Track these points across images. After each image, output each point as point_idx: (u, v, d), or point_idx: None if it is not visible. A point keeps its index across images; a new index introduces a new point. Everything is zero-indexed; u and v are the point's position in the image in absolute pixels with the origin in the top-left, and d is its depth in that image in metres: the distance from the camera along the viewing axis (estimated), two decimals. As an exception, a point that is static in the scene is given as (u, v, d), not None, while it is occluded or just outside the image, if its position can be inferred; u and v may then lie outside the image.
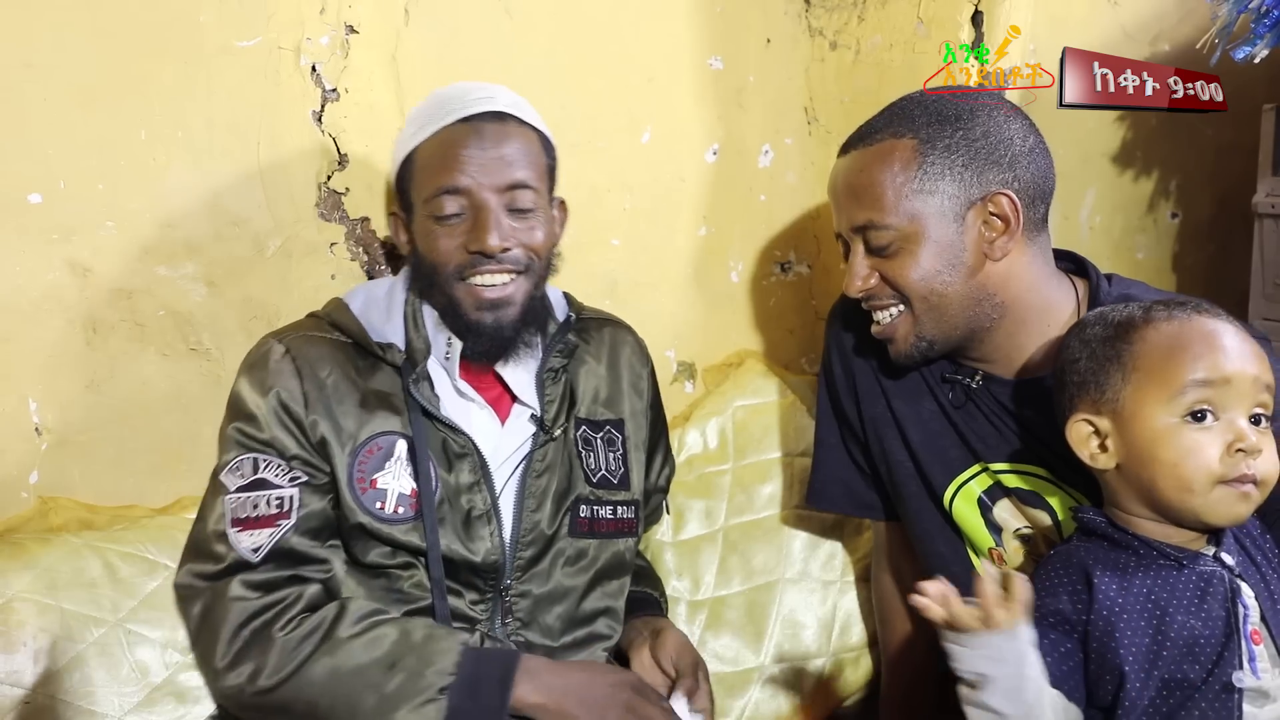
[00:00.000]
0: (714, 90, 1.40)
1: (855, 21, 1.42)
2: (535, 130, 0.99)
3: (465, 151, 0.94)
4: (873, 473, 1.12)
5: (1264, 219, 1.42)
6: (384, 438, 0.94)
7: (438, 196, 0.94)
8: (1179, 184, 1.62)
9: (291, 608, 0.90)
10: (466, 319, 0.95)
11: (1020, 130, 0.95)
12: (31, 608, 0.96)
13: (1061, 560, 0.86)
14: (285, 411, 0.93)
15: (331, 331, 0.99)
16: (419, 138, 0.97)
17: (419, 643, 0.88)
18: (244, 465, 0.93)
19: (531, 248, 0.96)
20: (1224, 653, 0.78)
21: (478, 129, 0.95)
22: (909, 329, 0.97)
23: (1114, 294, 0.96)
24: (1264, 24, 1.28)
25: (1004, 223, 0.93)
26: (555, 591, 0.99)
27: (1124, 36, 1.51)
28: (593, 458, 1.03)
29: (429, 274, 0.96)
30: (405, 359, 0.96)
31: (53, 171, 1.04)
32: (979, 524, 1.02)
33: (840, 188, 0.99)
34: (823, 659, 1.22)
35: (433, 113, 0.97)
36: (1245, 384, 0.80)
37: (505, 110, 0.97)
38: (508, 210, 0.95)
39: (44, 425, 1.08)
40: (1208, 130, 1.59)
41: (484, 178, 0.94)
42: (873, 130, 0.97)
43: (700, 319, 1.46)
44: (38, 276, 1.05)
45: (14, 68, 1.01)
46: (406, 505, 0.94)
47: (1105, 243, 1.59)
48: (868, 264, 0.96)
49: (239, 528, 0.91)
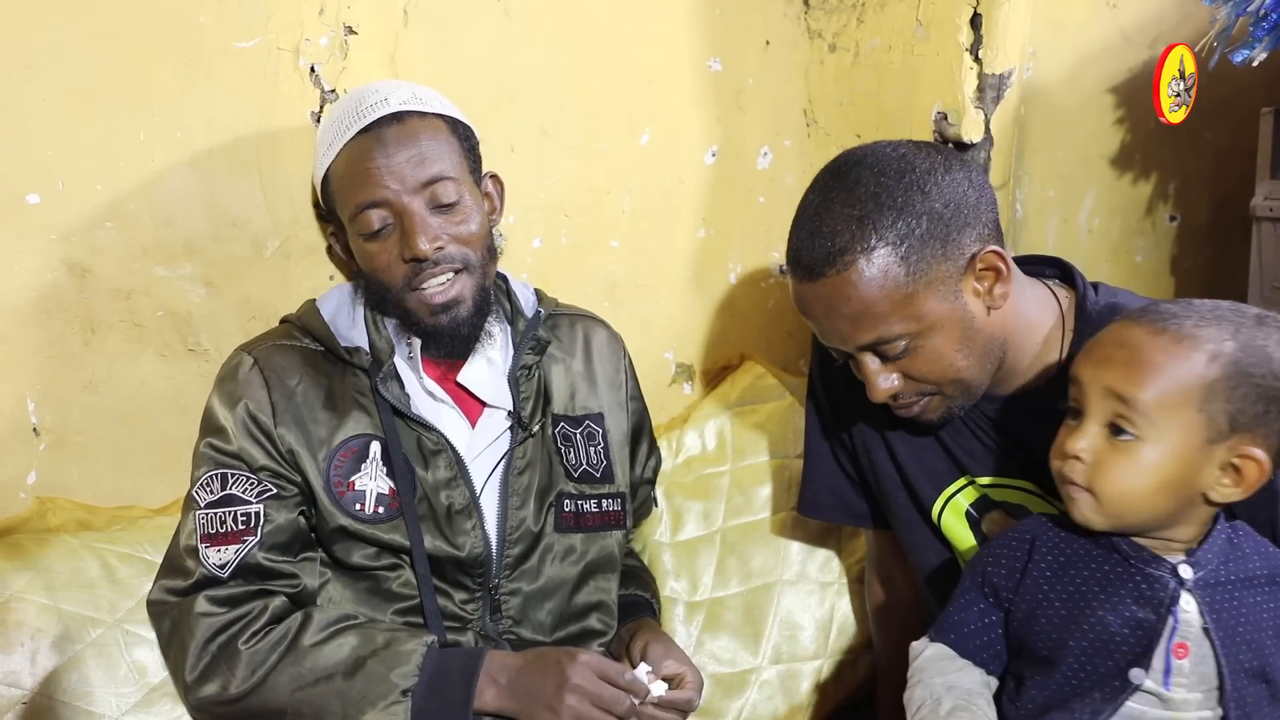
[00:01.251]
0: (713, 92, 1.40)
1: (854, 24, 1.42)
2: (440, 117, 0.97)
3: (372, 163, 0.93)
4: (862, 482, 1.12)
5: (1262, 222, 1.42)
6: (356, 440, 0.95)
7: (360, 214, 0.94)
8: (1178, 187, 1.62)
9: (256, 620, 0.90)
10: (423, 325, 0.96)
11: (963, 177, 0.90)
12: (29, 608, 0.96)
13: (1016, 533, 0.88)
14: (253, 422, 0.94)
15: (303, 338, 1.00)
16: (328, 157, 0.96)
17: (381, 646, 0.89)
18: (214, 481, 0.93)
19: (464, 240, 0.95)
20: (1139, 655, 0.79)
21: (378, 136, 0.93)
22: (942, 407, 0.95)
23: (1101, 303, 0.95)
24: (1262, 27, 1.28)
25: (994, 273, 0.90)
26: (546, 587, 0.99)
27: (1123, 39, 1.51)
28: (573, 453, 1.03)
29: (378, 290, 0.97)
30: (371, 360, 0.97)
31: (51, 172, 1.04)
32: (968, 537, 1.02)
33: (826, 315, 0.91)
34: (820, 661, 1.22)
35: (335, 129, 0.96)
36: (1097, 389, 0.79)
37: (401, 109, 0.95)
38: (432, 208, 0.94)
39: (42, 425, 1.08)
40: (1206, 133, 1.59)
41: (397, 184, 0.92)
42: (835, 251, 0.88)
43: (699, 321, 1.46)
44: (36, 277, 1.05)
45: (13, 69, 1.01)
46: (386, 505, 0.94)
47: (1104, 246, 1.59)
48: (886, 370, 0.92)
49: (208, 543, 0.92)
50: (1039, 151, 1.48)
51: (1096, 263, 1.59)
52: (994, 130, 1.34)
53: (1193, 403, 0.76)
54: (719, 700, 1.18)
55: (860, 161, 0.91)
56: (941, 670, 0.87)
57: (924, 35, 1.35)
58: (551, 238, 1.33)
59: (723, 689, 1.19)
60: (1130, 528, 0.81)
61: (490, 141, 1.25)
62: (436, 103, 0.98)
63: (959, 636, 0.88)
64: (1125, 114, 1.54)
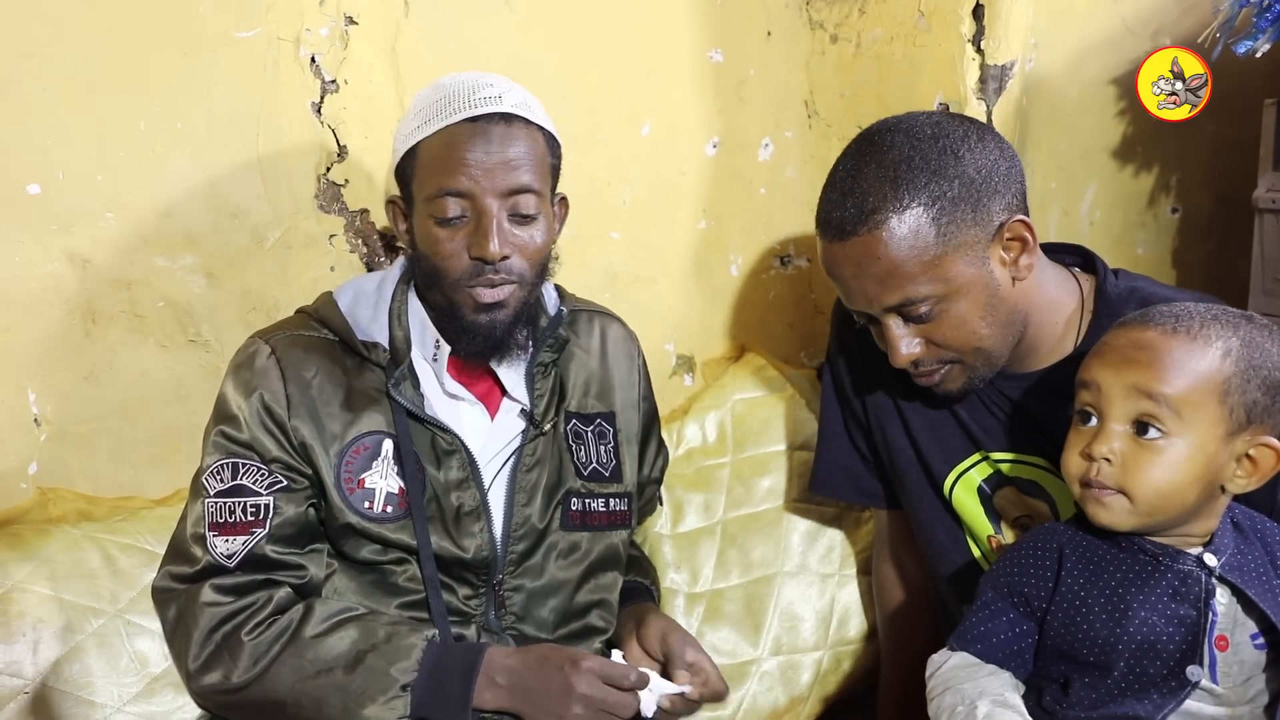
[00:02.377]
0: (714, 83, 1.40)
1: (856, 14, 1.41)
2: (541, 130, 0.97)
3: (470, 154, 0.92)
4: (875, 461, 1.13)
5: (1264, 214, 1.41)
6: (370, 437, 0.95)
7: (440, 198, 0.93)
8: (1179, 179, 1.62)
9: (260, 611, 0.91)
10: (463, 320, 0.95)
11: (994, 147, 0.92)
12: (31, 598, 0.97)
13: (1039, 541, 0.87)
14: (268, 414, 0.93)
15: (319, 329, 0.99)
16: (424, 132, 0.95)
17: (382, 640, 0.89)
18: (224, 470, 0.93)
19: (529, 254, 0.95)
20: (1187, 652, 0.79)
21: (484, 130, 0.92)
22: (962, 377, 0.96)
23: (1121, 287, 0.97)
24: (1266, 18, 1.27)
25: (1021, 243, 0.92)
26: (549, 585, 1.00)
27: (1125, 30, 1.50)
28: (583, 451, 1.03)
29: (430, 275, 0.95)
30: (389, 359, 0.96)
31: (52, 162, 1.04)
32: (979, 512, 1.03)
33: (854, 275, 0.92)
34: (820, 652, 1.23)
35: (438, 106, 0.95)
36: (1119, 389, 0.79)
37: (512, 111, 0.94)
38: (510, 215, 0.93)
39: (43, 416, 1.09)
40: (1208, 125, 1.58)
41: (487, 182, 0.92)
42: (867, 210, 0.89)
43: (699, 312, 1.46)
44: (37, 267, 1.06)
45: (13, 58, 1.01)
46: (395, 504, 0.94)
47: (1105, 238, 1.59)
48: (909, 334, 0.93)
49: (216, 532, 0.92)
50: (1040, 143, 1.48)
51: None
52: (995, 122, 1.34)
53: (1215, 397, 0.79)
54: None
55: (895, 127, 0.93)
56: (970, 676, 0.85)
57: (926, 26, 1.35)
58: None
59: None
60: (1159, 525, 0.82)
61: None
62: (541, 115, 0.98)
63: (986, 646, 0.86)
64: (1127, 106, 1.53)
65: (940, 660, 0.89)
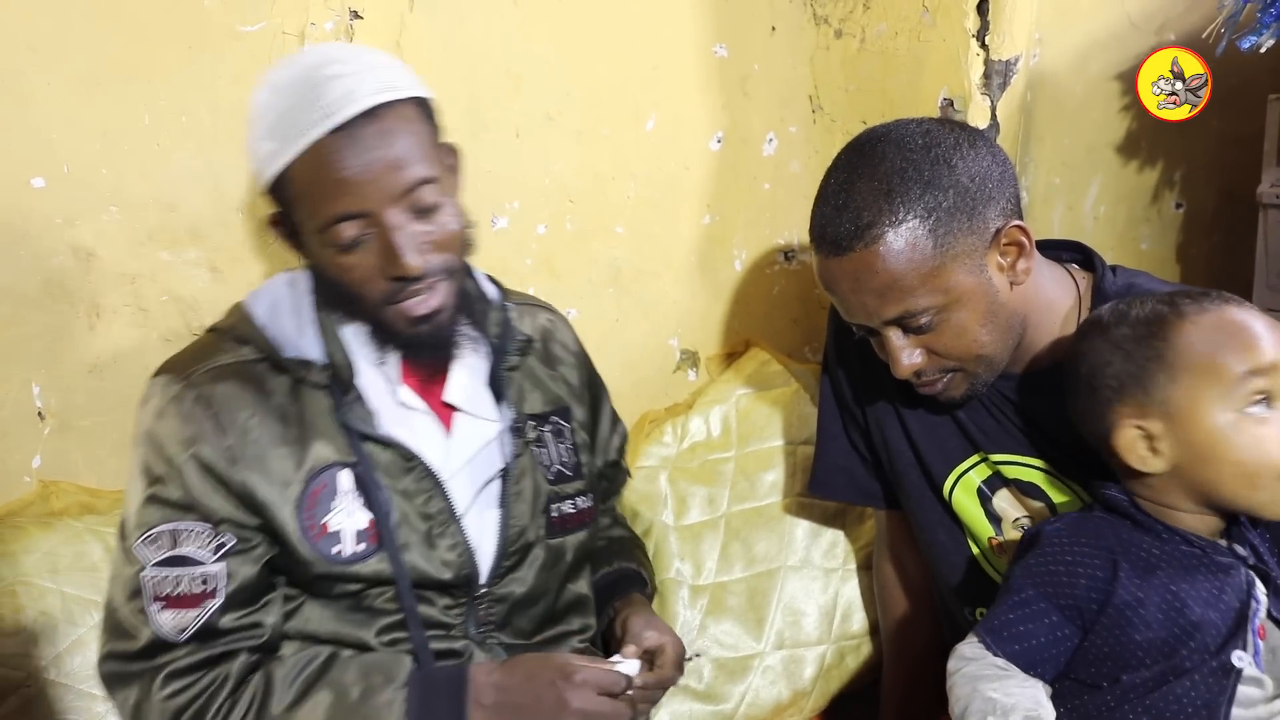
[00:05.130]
0: (718, 78, 1.40)
1: (861, 9, 1.42)
2: (410, 101, 0.84)
3: (347, 170, 0.80)
4: (874, 461, 1.13)
5: (1269, 209, 1.41)
6: (325, 473, 0.85)
7: (332, 226, 0.82)
8: (1183, 175, 1.62)
9: (219, 692, 0.83)
10: (401, 336, 0.86)
11: (986, 153, 0.91)
12: (33, 591, 0.97)
13: (1090, 537, 0.83)
14: (208, 473, 0.83)
15: (238, 349, 0.87)
16: (286, 154, 0.82)
17: (357, 702, 0.82)
18: (161, 538, 0.83)
19: (447, 245, 0.85)
20: (1230, 640, 0.78)
21: (353, 137, 0.80)
22: (964, 384, 0.95)
23: (1119, 284, 0.96)
24: (1270, 13, 1.28)
25: (1018, 248, 0.91)
26: (533, 594, 0.95)
27: (1130, 26, 1.50)
28: (546, 454, 0.97)
29: (347, 300, 0.86)
30: (332, 379, 0.87)
31: (56, 156, 1.04)
32: (979, 514, 1.03)
33: (853, 290, 0.91)
34: (823, 646, 1.23)
35: (291, 119, 0.81)
36: None
37: (375, 102, 0.81)
38: (413, 214, 0.83)
39: (47, 409, 1.08)
40: (1213, 121, 1.58)
41: (377, 193, 0.80)
42: (863, 225, 0.88)
43: (704, 307, 1.47)
44: (41, 261, 1.06)
45: (17, 51, 1.01)
46: (366, 539, 0.86)
47: (1110, 233, 1.59)
48: (910, 345, 0.92)
49: (161, 604, 0.83)
50: (1045, 139, 1.48)
51: (1102, 250, 1.56)
52: (1000, 117, 1.35)
53: None
54: (722, 684, 1.19)
55: (884, 137, 0.91)
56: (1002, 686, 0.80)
57: (930, 21, 1.35)
58: (556, 223, 1.33)
59: (726, 673, 1.19)
60: None
61: (495, 127, 1.27)
62: (403, 78, 0.85)
63: (1024, 649, 0.81)
64: (1131, 101, 1.53)
65: (969, 655, 0.83)
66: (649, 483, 1.28)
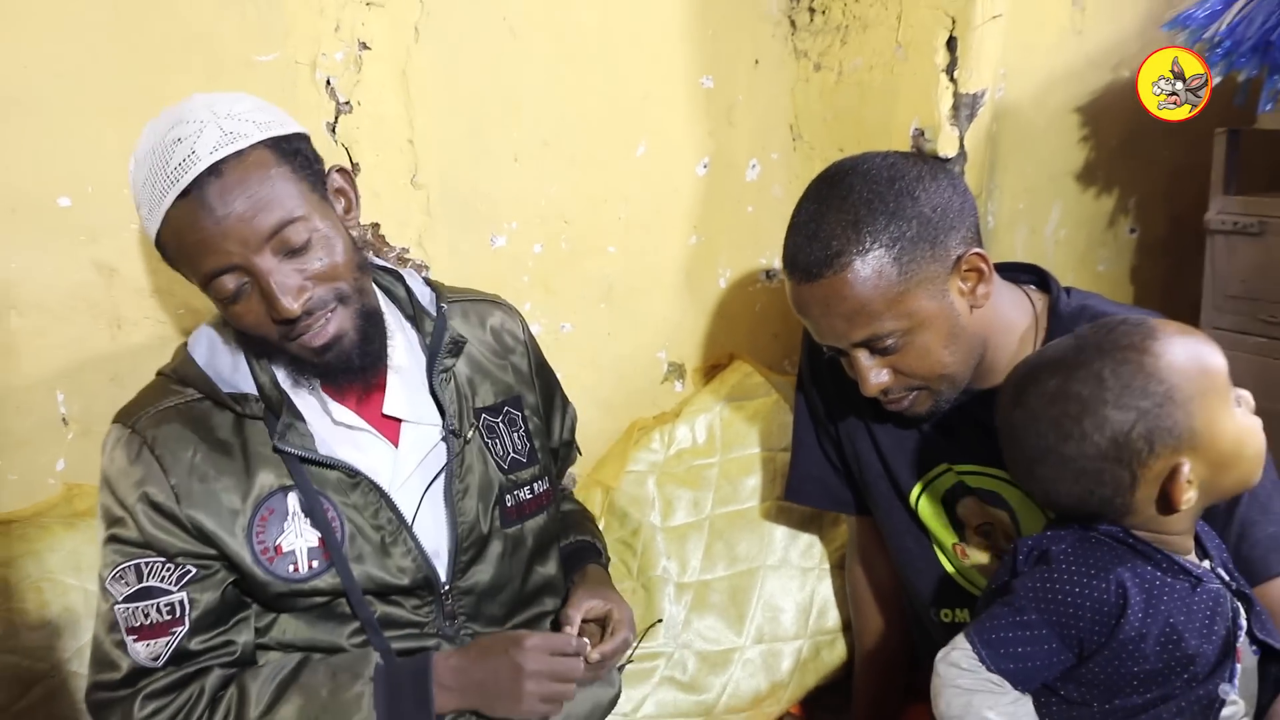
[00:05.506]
0: (705, 108, 1.44)
1: (838, 44, 1.47)
2: (260, 145, 0.82)
3: (203, 230, 0.80)
4: (846, 471, 1.17)
5: (1215, 235, 1.47)
6: (273, 498, 0.88)
7: (212, 283, 0.83)
8: (1137, 202, 1.68)
9: (196, 706, 0.86)
10: (314, 366, 0.88)
11: (947, 185, 0.94)
12: (57, 587, 1.02)
13: (1098, 566, 0.80)
14: (157, 511, 0.86)
15: (183, 390, 0.90)
16: (153, 223, 0.84)
17: (327, 700, 0.85)
18: (127, 574, 0.86)
19: (329, 277, 0.85)
20: (1217, 669, 0.78)
21: (200, 200, 0.80)
22: (929, 400, 0.98)
23: (1073, 305, 1.01)
24: (1217, 53, 1.35)
25: (977, 274, 0.94)
26: (497, 582, 0.97)
27: (1088, 63, 1.57)
28: (499, 444, 0.99)
29: (258, 343, 0.88)
30: (265, 410, 0.89)
31: (81, 177, 1.08)
32: (943, 521, 1.07)
33: (823, 314, 0.94)
34: (800, 641, 1.27)
35: (150, 190, 0.83)
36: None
37: (214, 160, 0.80)
38: (285, 255, 0.83)
39: (70, 416, 1.12)
40: (1164, 152, 1.65)
41: (238, 245, 0.81)
42: (832, 254, 0.91)
43: (690, 322, 1.50)
44: (66, 276, 1.10)
45: (46, 79, 1.05)
46: (319, 556, 0.89)
47: (1069, 256, 1.65)
48: (877, 365, 0.95)
49: (134, 636, 0.86)
50: (1009, 167, 1.54)
51: (1062, 272, 1.63)
52: (968, 146, 1.39)
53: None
54: (705, 676, 1.22)
55: (852, 170, 0.95)
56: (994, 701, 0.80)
57: (903, 56, 1.40)
58: (552, 243, 1.37)
59: (708, 665, 1.23)
60: None
61: (495, 152, 1.30)
62: (250, 125, 0.83)
63: (1021, 669, 0.80)
64: (1090, 132, 1.60)
65: (965, 666, 0.81)
66: (638, 486, 1.32)
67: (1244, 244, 1.45)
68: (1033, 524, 1.02)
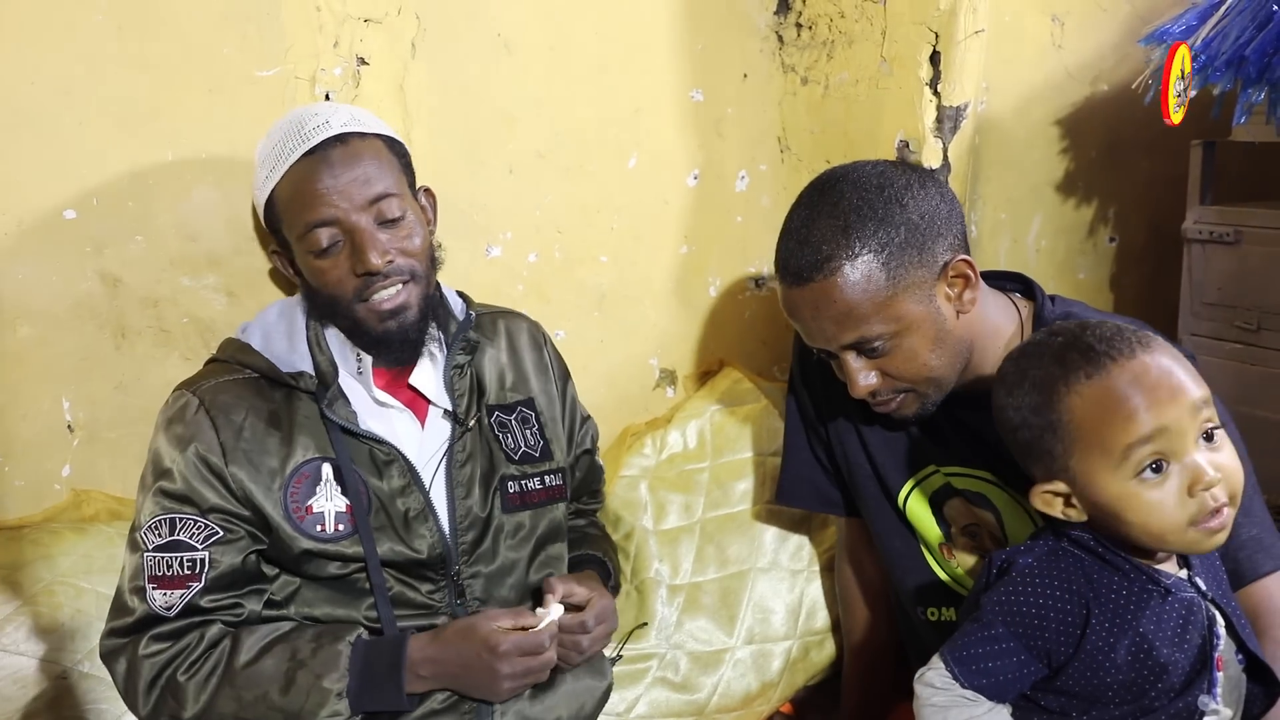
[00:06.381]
0: (695, 120, 1.47)
1: (825, 59, 1.50)
2: (378, 137, 0.98)
3: (320, 184, 0.94)
4: (835, 472, 1.19)
5: (1193, 244, 1.51)
6: (308, 465, 0.96)
7: (309, 233, 0.94)
8: (1116, 211, 1.71)
9: (194, 650, 0.92)
10: (373, 333, 0.97)
11: (935, 192, 0.96)
12: (69, 591, 1.03)
13: (1062, 579, 0.80)
14: (204, 464, 0.94)
15: (241, 370, 0.99)
16: (273, 180, 0.97)
17: (307, 657, 0.92)
18: (163, 526, 0.93)
19: (410, 253, 0.97)
20: (1194, 679, 0.78)
21: (323, 157, 0.94)
22: (916, 403, 1.00)
23: (1057, 312, 1.03)
24: (1192, 68, 1.39)
25: (964, 280, 0.96)
26: (504, 566, 1.03)
27: (1067, 76, 1.61)
28: (510, 438, 1.06)
29: (328, 303, 0.97)
30: (317, 384, 0.98)
31: (87, 189, 1.10)
32: (930, 521, 1.09)
33: (813, 317, 0.96)
34: (790, 642, 1.28)
35: (277, 152, 0.97)
36: (1185, 417, 0.75)
37: (343, 131, 0.96)
38: (379, 224, 0.95)
39: (76, 423, 1.14)
40: (1142, 162, 1.69)
41: (345, 202, 0.94)
42: (823, 258, 0.94)
43: (681, 330, 1.53)
44: (72, 286, 1.12)
45: (52, 94, 1.07)
46: (345, 521, 0.96)
47: (1050, 264, 1.68)
48: (866, 368, 0.98)
49: (155, 584, 0.92)
50: (991, 178, 1.57)
51: (1043, 280, 1.63)
52: (951, 158, 1.42)
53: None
54: (696, 676, 1.24)
55: (843, 178, 0.97)
56: (969, 715, 0.81)
57: (888, 71, 1.43)
58: (546, 252, 1.40)
59: (700, 666, 1.25)
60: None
61: (490, 164, 1.33)
62: (373, 123, 1.00)
63: (993, 683, 0.81)
64: (1070, 144, 1.63)
65: (939, 685, 0.82)
66: (630, 490, 1.34)
67: (1220, 252, 1.48)
68: (1017, 525, 1.04)
